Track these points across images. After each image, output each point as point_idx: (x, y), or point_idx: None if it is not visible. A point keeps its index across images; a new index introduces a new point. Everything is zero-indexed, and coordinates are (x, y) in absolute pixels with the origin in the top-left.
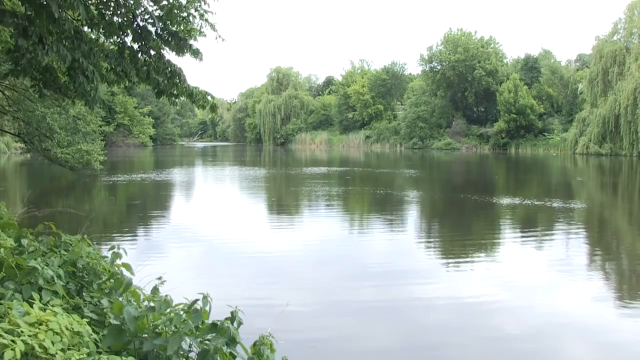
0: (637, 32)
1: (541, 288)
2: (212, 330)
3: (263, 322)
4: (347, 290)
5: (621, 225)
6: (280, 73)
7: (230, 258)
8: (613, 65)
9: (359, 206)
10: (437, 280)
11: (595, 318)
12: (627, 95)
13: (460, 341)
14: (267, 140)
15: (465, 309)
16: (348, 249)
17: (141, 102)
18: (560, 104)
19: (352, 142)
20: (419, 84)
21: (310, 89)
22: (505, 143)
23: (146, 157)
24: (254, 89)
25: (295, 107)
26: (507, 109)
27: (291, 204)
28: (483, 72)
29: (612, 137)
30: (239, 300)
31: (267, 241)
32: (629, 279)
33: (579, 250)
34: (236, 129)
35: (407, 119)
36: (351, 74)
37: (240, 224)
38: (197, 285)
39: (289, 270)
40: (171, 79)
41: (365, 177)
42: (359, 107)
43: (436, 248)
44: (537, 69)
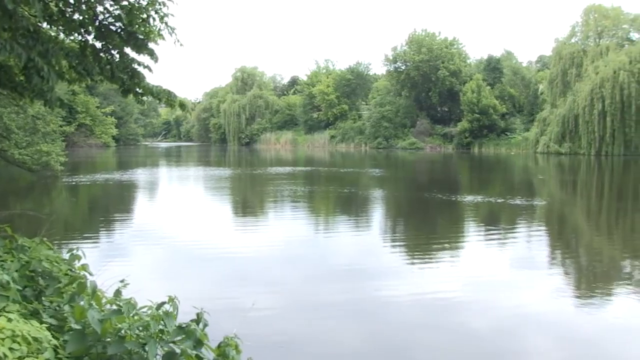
0: (593, 35)
1: (504, 284)
2: (179, 333)
3: (229, 323)
4: (313, 290)
5: (580, 222)
6: (245, 73)
7: (195, 259)
8: (571, 67)
9: (324, 206)
10: (403, 279)
11: (556, 312)
12: (585, 96)
13: (427, 338)
14: (231, 140)
15: (431, 306)
16: (314, 249)
17: (103, 101)
18: (521, 104)
19: (317, 142)
20: (384, 84)
21: (275, 89)
22: (469, 142)
23: (109, 158)
24: (218, 88)
25: (260, 107)
26: (471, 108)
27: (256, 204)
28: (447, 72)
29: (571, 137)
30: (205, 302)
31: (232, 242)
32: (587, 275)
33: (540, 246)
34: (200, 129)
35: (372, 119)
36: (316, 74)
37: (205, 225)
38: (161, 287)
39: (255, 271)
40: (132, 78)
41: (330, 176)
42: (324, 107)
43: (402, 247)
44: (499, 70)
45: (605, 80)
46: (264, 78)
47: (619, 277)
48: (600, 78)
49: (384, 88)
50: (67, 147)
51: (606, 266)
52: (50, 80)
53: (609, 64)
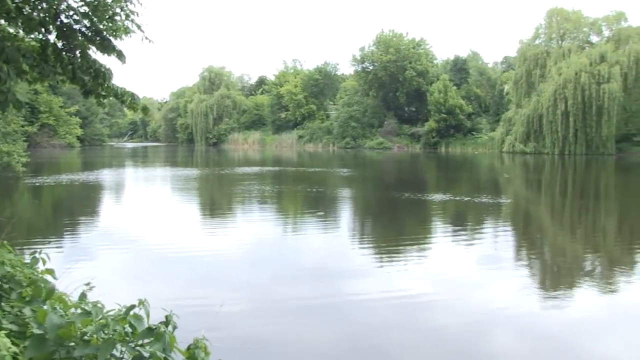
0: (556, 37)
1: (472, 282)
2: (148, 336)
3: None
4: (282, 290)
5: (544, 220)
6: (212, 72)
7: (162, 261)
8: (535, 68)
9: (293, 206)
10: (372, 278)
11: (523, 308)
12: (549, 97)
13: (396, 336)
14: (199, 140)
15: (400, 305)
16: (283, 250)
17: (67, 101)
18: (487, 104)
19: (285, 142)
20: (352, 84)
21: (242, 89)
22: (436, 142)
23: (73, 158)
24: (185, 88)
25: (227, 107)
26: (437, 108)
27: (224, 204)
28: (414, 72)
29: (535, 137)
30: (173, 304)
31: (200, 243)
32: (551, 271)
33: (507, 244)
34: (167, 129)
35: (340, 119)
36: (284, 73)
37: (172, 226)
38: (128, 290)
39: (224, 272)
40: (96, 79)
41: (298, 176)
42: (291, 107)
43: (370, 246)
44: (465, 70)
45: (568, 81)
46: (232, 78)
47: (582, 273)
48: (562, 79)
49: (351, 88)
50: (29, 148)
51: (569, 263)
52: (8, 81)
53: (571, 65)
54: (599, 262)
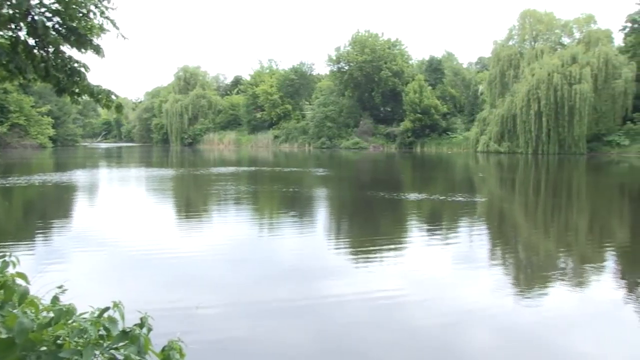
0: (529, 38)
1: (448, 281)
2: (123, 338)
3: (173, 326)
4: (258, 291)
5: (518, 219)
6: (187, 72)
7: (137, 263)
8: (509, 68)
9: (268, 206)
10: (348, 278)
11: (498, 306)
12: (522, 97)
13: (373, 336)
14: (174, 140)
15: (377, 304)
16: (258, 250)
17: (39, 100)
18: (462, 104)
19: (261, 142)
20: (327, 84)
21: (218, 89)
22: (411, 142)
23: (45, 159)
24: (160, 88)
25: (203, 107)
26: (413, 108)
27: (200, 205)
28: (389, 72)
29: (509, 136)
30: (148, 305)
31: (175, 244)
32: (525, 269)
33: (481, 243)
34: (142, 129)
35: (316, 119)
36: (259, 73)
37: (147, 227)
38: (102, 292)
39: (199, 273)
40: (71, 77)
41: (274, 176)
42: (267, 107)
43: (346, 246)
44: (440, 71)
45: (541, 81)
46: (207, 78)
47: (555, 271)
48: (536, 80)
49: (327, 88)
50: None
51: (543, 261)
52: None
53: (544, 66)
54: (571, 260)
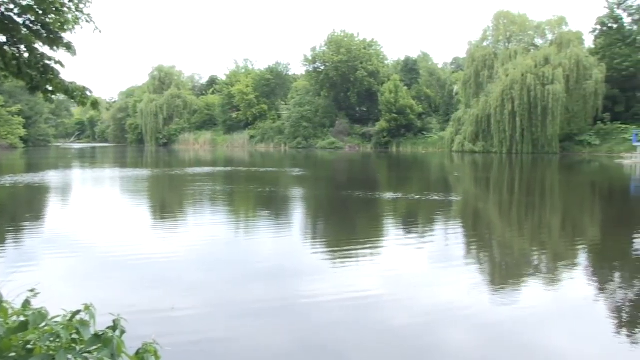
0: (503, 39)
1: (423, 280)
2: (95, 342)
3: (148, 329)
4: (234, 291)
5: (493, 217)
6: (162, 72)
7: (111, 265)
8: (484, 69)
9: (244, 206)
10: (325, 278)
11: (473, 304)
12: (496, 97)
13: (350, 335)
14: (149, 140)
15: (354, 304)
16: (235, 250)
17: (9, 100)
18: (437, 104)
19: (237, 142)
20: (303, 84)
21: (193, 89)
22: (387, 142)
23: (16, 160)
24: (135, 87)
25: (178, 107)
26: (388, 108)
27: (175, 206)
28: (365, 73)
29: (484, 136)
30: (122, 308)
31: (150, 245)
32: (500, 268)
33: (457, 242)
34: (116, 129)
35: (291, 119)
36: (235, 73)
37: (121, 229)
38: (76, 295)
39: (174, 275)
40: (44, 74)
41: (250, 176)
42: (243, 107)
43: (323, 246)
44: (416, 71)
45: (515, 82)
46: (182, 77)
47: (529, 268)
48: (510, 80)
49: (303, 88)
50: None
51: (517, 259)
52: None
53: (518, 67)
54: (545, 258)
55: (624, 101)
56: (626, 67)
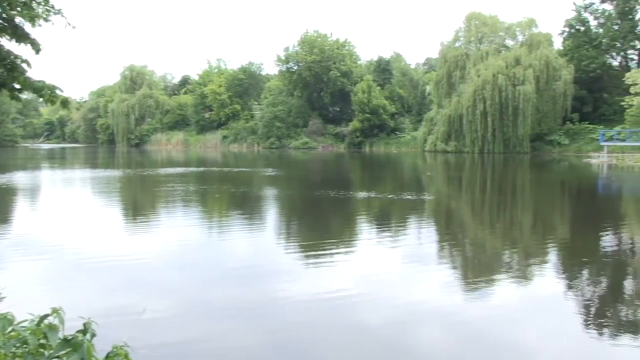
0: (474, 40)
1: (397, 279)
2: (64, 346)
3: (119, 332)
4: (207, 293)
5: (465, 216)
6: (134, 71)
7: (81, 267)
8: (456, 69)
9: (217, 207)
10: (299, 278)
11: (446, 302)
12: (468, 97)
13: (324, 335)
14: (120, 141)
15: (327, 304)
16: (208, 252)
17: None
18: (410, 105)
19: (210, 143)
20: (276, 84)
21: (165, 88)
22: (360, 142)
23: None
24: (106, 87)
25: (150, 107)
26: (362, 108)
27: (147, 207)
28: (338, 73)
29: (456, 136)
30: (92, 311)
31: (121, 247)
32: (472, 266)
33: (430, 240)
34: (87, 129)
35: (265, 119)
36: (208, 73)
37: (92, 231)
38: (44, 299)
39: (146, 277)
40: (11, 72)
41: (223, 177)
42: (215, 107)
43: (297, 246)
44: (389, 71)
45: (486, 82)
46: (154, 77)
47: (501, 266)
48: (481, 80)
49: (276, 88)
50: None
51: (489, 257)
52: None
53: (489, 67)
54: (516, 256)
55: (591, 102)
56: (593, 68)
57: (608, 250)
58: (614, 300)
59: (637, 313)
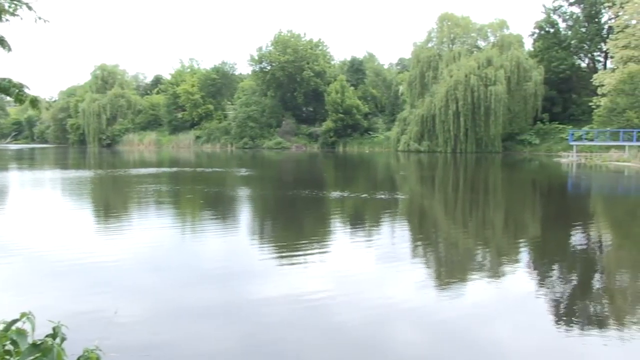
0: (447, 41)
1: (371, 278)
2: (34, 351)
3: (90, 335)
4: (180, 294)
5: (438, 215)
6: (105, 71)
7: (52, 270)
8: (429, 70)
9: (190, 207)
10: (273, 279)
11: (420, 301)
12: (441, 98)
13: (299, 335)
14: (91, 141)
15: (301, 304)
16: (181, 253)
17: None
18: (383, 105)
19: (182, 143)
20: (249, 84)
21: (137, 88)
22: (334, 142)
23: None
24: (76, 87)
25: (122, 107)
26: (335, 108)
27: (119, 208)
28: (312, 73)
29: (429, 136)
30: (63, 315)
31: (93, 249)
32: (446, 265)
33: (403, 240)
34: (57, 129)
35: (238, 119)
36: (180, 73)
37: (62, 233)
38: (12, 304)
39: (118, 279)
40: None
41: (196, 177)
42: (188, 107)
43: (270, 246)
44: (362, 71)
45: (459, 82)
46: (126, 77)
47: (474, 265)
48: (454, 81)
49: (249, 88)
50: None
51: (462, 256)
52: None
53: (461, 68)
54: (489, 254)
55: (561, 102)
56: (562, 69)
57: (577, 248)
58: (583, 297)
59: (604, 309)
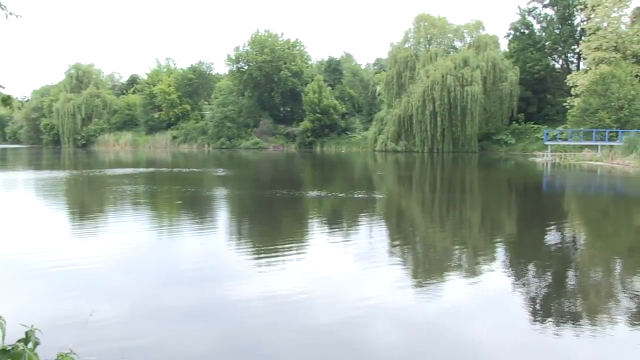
0: (424, 41)
1: (349, 278)
2: (4, 357)
3: (65, 338)
4: (158, 296)
5: (416, 214)
6: (80, 70)
7: (23, 273)
8: (405, 70)
9: (167, 208)
10: (250, 279)
11: (398, 300)
12: (418, 98)
13: (277, 335)
14: (66, 141)
15: (279, 304)
16: (158, 254)
17: None
18: (361, 105)
19: (159, 143)
20: (226, 83)
21: (113, 88)
22: (311, 142)
23: None
24: (50, 86)
25: (97, 107)
26: (312, 108)
27: (94, 208)
28: (289, 73)
29: (406, 135)
30: (37, 319)
31: (67, 251)
32: (423, 264)
33: (381, 239)
34: (30, 129)
35: (215, 119)
36: (157, 72)
37: (36, 234)
38: None
39: (93, 281)
40: None
41: (173, 177)
42: (165, 107)
43: (248, 246)
44: (339, 71)
45: (435, 83)
46: (101, 76)
47: (451, 264)
48: (430, 81)
49: (226, 88)
50: None
51: (440, 255)
52: None
53: (438, 68)
54: (466, 253)
55: (536, 102)
56: (537, 70)
57: (552, 246)
58: (559, 294)
59: (579, 306)
